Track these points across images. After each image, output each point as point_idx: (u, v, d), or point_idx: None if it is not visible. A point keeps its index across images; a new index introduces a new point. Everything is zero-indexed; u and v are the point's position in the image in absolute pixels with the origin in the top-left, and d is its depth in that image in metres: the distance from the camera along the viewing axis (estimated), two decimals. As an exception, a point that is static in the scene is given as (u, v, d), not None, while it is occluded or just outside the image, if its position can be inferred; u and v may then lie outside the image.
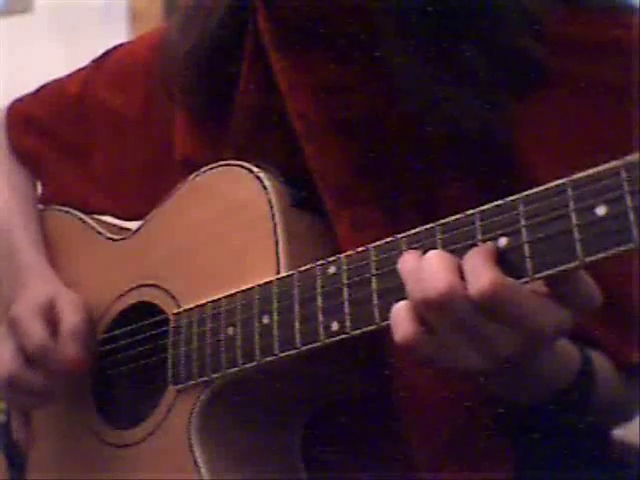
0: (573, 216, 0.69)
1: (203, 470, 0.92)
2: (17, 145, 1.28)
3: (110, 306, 1.09)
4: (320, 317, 0.84)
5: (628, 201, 0.67)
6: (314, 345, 0.85)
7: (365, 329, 0.81)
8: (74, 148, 1.24)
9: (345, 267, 0.83)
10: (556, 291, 0.73)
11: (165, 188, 1.06)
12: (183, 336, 0.97)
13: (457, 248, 0.75)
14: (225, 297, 0.93)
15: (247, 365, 0.90)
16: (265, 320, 0.89)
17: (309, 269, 0.87)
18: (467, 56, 0.91)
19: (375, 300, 0.80)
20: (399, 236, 0.80)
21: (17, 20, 2.51)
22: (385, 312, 0.78)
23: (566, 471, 0.90)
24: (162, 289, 1.02)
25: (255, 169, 0.96)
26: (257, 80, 1.01)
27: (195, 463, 0.92)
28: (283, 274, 0.89)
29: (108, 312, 1.09)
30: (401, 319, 0.75)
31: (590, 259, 0.68)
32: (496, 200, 0.75)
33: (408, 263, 0.76)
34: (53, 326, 1.07)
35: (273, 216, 0.92)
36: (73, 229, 1.20)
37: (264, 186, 0.94)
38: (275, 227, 0.92)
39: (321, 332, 0.84)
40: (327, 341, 0.84)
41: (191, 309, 0.97)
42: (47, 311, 1.08)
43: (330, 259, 0.85)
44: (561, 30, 0.92)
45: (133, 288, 1.06)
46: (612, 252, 0.67)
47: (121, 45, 1.25)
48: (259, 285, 0.90)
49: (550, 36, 0.92)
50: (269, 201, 0.93)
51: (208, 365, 0.93)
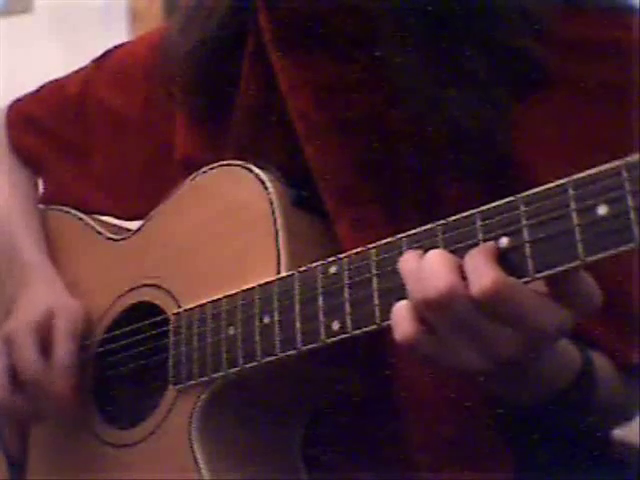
0: (574, 216, 0.69)
1: (203, 470, 0.92)
2: (17, 145, 1.28)
3: (110, 306, 1.09)
4: (321, 317, 0.84)
5: (629, 201, 0.67)
6: (315, 345, 0.85)
7: (366, 329, 0.81)
8: (74, 148, 1.24)
9: (346, 267, 0.83)
10: (557, 291, 0.73)
11: (165, 188, 1.05)
12: (183, 336, 0.97)
13: (458, 248, 0.75)
14: (226, 297, 0.93)
15: (248, 365, 0.90)
16: (266, 320, 0.89)
17: (310, 269, 0.87)
18: (467, 56, 0.91)
19: (376, 300, 0.80)
20: (400, 236, 0.80)
21: (17, 20, 2.51)
22: (386, 312, 0.78)
23: (566, 471, 0.90)
24: (162, 289, 1.02)
25: (256, 169, 0.96)
26: (258, 80, 1.01)
27: (196, 463, 0.92)
28: (284, 274, 0.89)
29: (108, 312, 1.09)
30: (402, 318, 0.75)
31: (591, 259, 0.68)
32: (497, 200, 0.75)
33: (409, 263, 0.76)
34: (47, 347, 1.06)
35: (274, 216, 0.92)
36: (73, 229, 1.19)
37: (265, 186, 0.94)
38: (276, 227, 0.92)
39: (322, 332, 0.84)
40: (328, 341, 0.84)
41: (192, 309, 0.97)
42: (42, 330, 1.07)
43: (331, 259, 0.85)
44: (561, 30, 0.92)
45: (133, 288, 1.06)
46: (613, 252, 0.67)
47: (121, 45, 1.25)
48: (260, 285, 0.90)
49: (550, 36, 0.92)
50: (270, 201, 0.93)
51: (209, 365, 0.93)
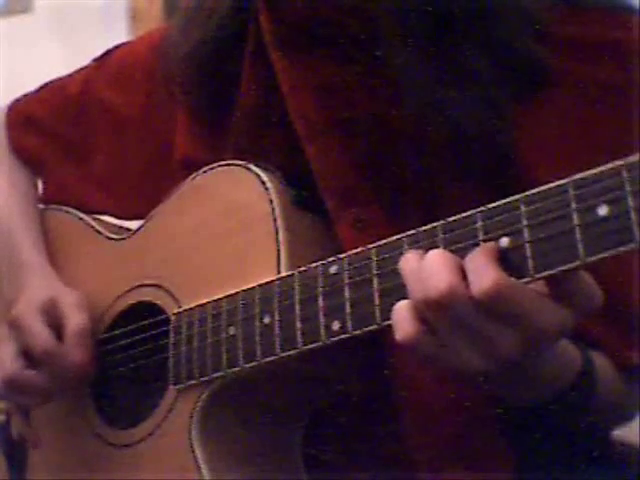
0: (575, 216, 0.69)
1: (204, 470, 0.92)
2: (17, 145, 1.28)
3: (110, 306, 1.09)
4: (321, 317, 0.84)
5: (630, 201, 0.66)
6: (315, 345, 0.85)
7: (366, 329, 0.81)
8: (74, 148, 1.24)
9: (346, 267, 0.83)
10: (557, 291, 0.73)
11: (165, 188, 1.05)
12: (184, 336, 0.97)
13: (459, 248, 0.75)
14: (226, 297, 0.93)
15: (248, 365, 0.90)
16: (266, 320, 0.89)
17: (310, 269, 0.87)
18: (468, 56, 0.91)
19: (376, 300, 0.80)
20: (400, 236, 0.80)
21: (17, 20, 2.51)
22: (386, 312, 0.78)
23: (566, 471, 0.90)
24: (163, 289, 1.02)
25: (256, 169, 0.95)
26: (258, 80, 1.01)
27: (196, 463, 0.92)
28: (284, 274, 0.89)
29: (108, 312, 1.09)
30: (402, 318, 0.75)
31: (591, 259, 0.68)
32: (497, 200, 0.75)
33: (409, 263, 0.76)
34: (56, 326, 1.07)
35: (274, 216, 0.92)
36: (73, 229, 1.19)
37: (265, 186, 0.94)
38: (276, 227, 0.92)
39: (322, 332, 0.84)
40: (328, 341, 0.84)
41: (192, 309, 0.97)
42: (49, 311, 1.07)
43: (331, 259, 0.85)
44: (561, 31, 0.92)
45: (133, 288, 1.06)
46: (614, 252, 0.67)
47: (122, 45, 1.25)
48: (260, 285, 0.90)
49: (550, 37, 0.92)
50: (270, 201, 0.93)
51: (209, 365, 0.93)
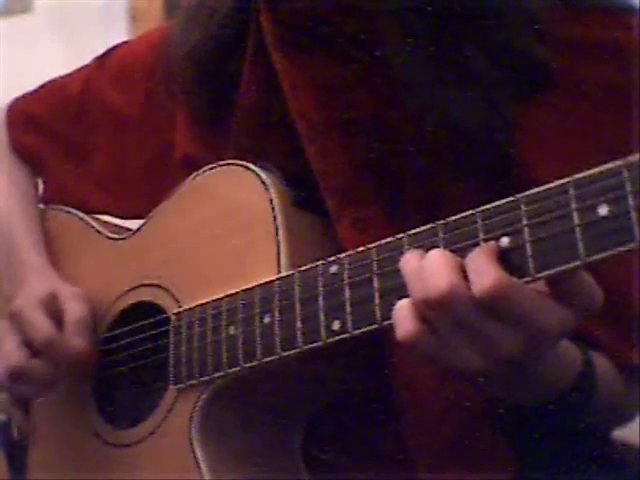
0: (575, 216, 0.69)
1: (204, 469, 0.92)
2: (18, 144, 1.28)
3: (110, 306, 1.09)
4: (321, 317, 0.84)
5: (630, 201, 0.66)
6: (315, 345, 0.85)
7: (366, 329, 0.81)
8: (75, 147, 1.24)
9: (346, 266, 0.83)
10: (557, 291, 0.73)
11: (166, 188, 1.05)
12: (184, 336, 0.97)
13: (459, 248, 0.75)
14: (226, 296, 0.93)
15: (248, 365, 0.90)
16: (266, 319, 0.89)
17: (310, 268, 0.86)
18: (468, 56, 0.91)
19: (376, 300, 0.80)
20: (401, 235, 0.80)
21: (17, 20, 2.51)
22: (386, 312, 0.78)
23: (567, 471, 0.90)
24: (163, 289, 1.02)
25: (256, 169, 0.95)
26: (258, 80, 1.01)
27: (196, 462, 0.92)
28: (284, 273, 0.89)
29: (108, 312, 1.09)
30: (403, 317, 0.75)
31: (592, 259, 0.68)
32: (498, 200, 0.75)
33: (410, 262, 0.76)
34: (56, 317, 1.07)
35: (274, 216, 0.92)
36: (73, 229, 1.19)
37: (265, 186, 0.94)
38: (276, 227, 0.92)
39: (322, 332, 0.84)
40: (328, 341, 0.84)
41: (192, 308, 0.97)
42: (49, 303, 1.08)
43: (331, 258, 0.85)
44: (561, 31, 0.92)
45: (133, 288, 1.06)
46: (614, 252, 0.67)
47: (122, 44, 1.25)
48: (260, 284, 0.90)
49: (551, 37, 0.92)
50: (270, 201, 0.93)
51: (209, 365, 0.93)
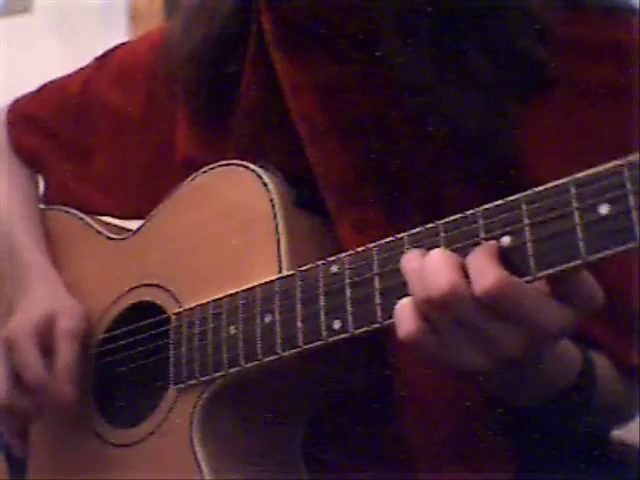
0: (576, 215, 0.69)
1: (204, 469, 0.92)
2: (18, 144, 1.27)
3: (111, 306, 1.09)
4: (322, 316, 0.84)
5: (630, 200, 0.67)
6: (316, 344, 0.85)
7: (367, 328, 0.81)
8: (75, 148, 1.24)
9: (347, 266, 0.83)
10: (558, 290, 0.73)
11: (166, 188, 1.05)
12: (184, 335, 0.97)
13: (460, 247, 0.75)
14: (227, 296, 0.93)
15: (249, 364, 0.90)
16: (267, 319, 0.89)
17: (311, 268, 0.86)
18: (469, 57, 0.91)
19: (377, 299, 0.80)
20: (401, 235, 0.80)
21: (17, 20, 2.51)
22: (387, 311, 0.78)
23: (566, 471, 0.90)
24: (163, 289, 1.02)
25: (256, 169, 0.95)
26: (259, 80, 1.01)
27: (196, 462, 0.92)
28: (285, 273, 0.89)
29: (109, 312, 1.09)
30: (405, 316, 0.75)
31: (593, 258, 0.68)
32: (498, 200, 0.75)
33: (411, 262, 0.76)
34: (48, 348, 1.06)
35: (275, 215, 0.92)
36: (73, 229, 1.19)
37: (266, 186, 0.94)
38: (277, 226, 0.92)
39: (323, 331, 0.84)
40: (329, 340, 0.84)
41: (192, 308, 0.97)
42: (43, 334, 1.07)
43: (332, 258, 0.85)
44: (562, 31, 0.92)
45: (134, 288, 1.06)
46: (614, 251, 0.67)
47: (123, 44, 1.25)
48: (261, 284, 0.90)
49: (551, 37, 0.92)
50: (271, 200, 0.93)
51: (209, 364, 0.93)
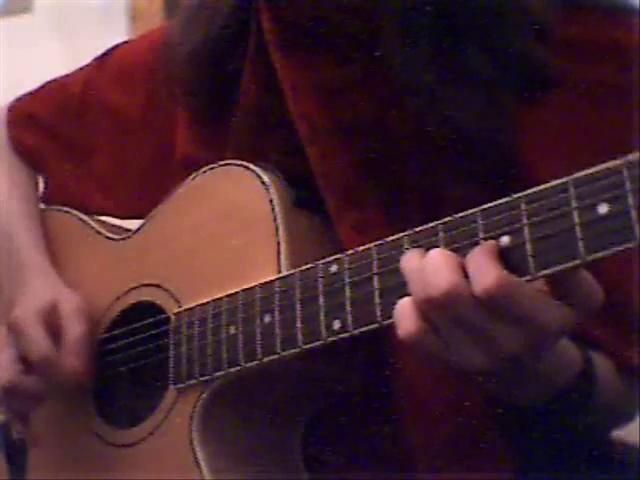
0: (575, 214, 0.69)
1: (204, 469, 0.92)
2: (18, 143, 1.28)
3: (110, 306, 1.09)
4: (322, 316, 0.84)
5: (630, 199, 0.67)
6: (316, 344, 0.85)
7: (367, 328, 0.81)
8: (75, 147, 1.24)
9: (347, 266, 0.83)
10: (557, 290, 0.73)
11: (166, 188, 1.05)
12: (184, 335, 0.97)
13: (459, 247, 0.75)
14: (226, 296, 0.93)
15: (248, 364, 0.90)
16: (267, 319, 0.89)
17: (310, 268, 0.87)
18: (469, 57, 0.91)
19: (377, 299, 0.80)
20: (401, 235, 0.80)
21: (17, 20, 2.51)
22: (387, 311, 0.78)
23: (566, 471, 0.90)
24: (163, 289, 1.02)
25: (256, 169, 0.95)
26: (259, 81, 1.01)
27: (196, 462, 0.92)
28: (284, 273, 0.89)
29: (108, 312, 1.09)
30: (405, 316, 0.75)
31: (592, 257, 0.68)
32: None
33: (411, 262, 0.76)
34: (55, 333, 1.06)
35: (274, 215, 0.92)
36: (73, 229, 1.19)
37: (265, 186, 0.94)
38: (276, 226, 0.92)
39: (323, 331, 0.84)
40: (329, 340, 0.84)
41: (192, 308, 0.97)
42: (49, 316, 1.07)
43: (331, 258, 0.85)
44: (562, 31, 0.92)
45: (133, 288, 1.06)
46: (614, 250, 0.67)
47: (123, 44, 1.25)
48: (260, 284, 0.90)
49: (551, 37, 0.92)
50: (270, 200, 0.93)
51: (209, 364, 0.93)
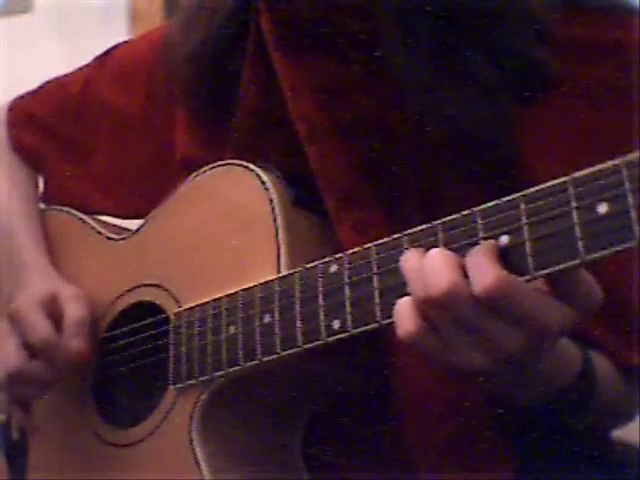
0: (574, 214, 0.69)
1: (204, 469, 0.92)
2: (18, 143, 1.28)
3: (110, 306, 1.09)
4: (321, 316, 0.84)
5: (629, 199, 0.66)
6: (315, 344, 0.85)
7: (366, 328, 0.81)
8: (75, 147, 1.24)
9: (346, 266, 0.83)
10: (557, 289, 0.73)
11: (166, 188, 1.06)
12: (184, 335, 0.97)
13: (459, 246, 0.75)
14: (226, 296, 0.93)
15: (248, 364, 0.90)
16: (266, 319, 0.89)
17: (310, 268, 0.86)
18: (469, 57, 0.91)
19: (376, 299, 0.80)
20: (400, 234, 0.80)
21: (17, 20, 2.51)
22: (386, 310, 0.78)
23: (566, 471, 0.90)
24: (163, 289, 1.02)
25: (256, 169, 0.95)
26: (258, 81, 1.01)
27: (196, 462, 0.92)
28: (284, 273, 0.89)
29: (108, 312, 1.09)
30: (404, 315, 0.75)
31: (591, 257, 0.68)
32: (498, 200, 0.75)
33: (410, 261, 0.76)
34: (56, 319, 1.07)
35: (274, 215, 0.92)
36: (73, 229, 1.19)
37: (265, 186, 0.94)
38: (276, 227, 0.92)
39: (322, 331, 0.84)
40: (328, 340, 0.84)
41: (192, 308, 0.97)
42: (49, 304, 1.08)
43: (331, 258, 0.85)
44: (562, 32, 0.92)
45: (133, 288, 1.06)
46: (613, 250, 0.67)
47: (123, 43, 1.25)
48: (260, 284, 0.90)
49: (551, 38, 0.92)
50: (270, 200, 0.93)
51: (209, 364, 0.93)
